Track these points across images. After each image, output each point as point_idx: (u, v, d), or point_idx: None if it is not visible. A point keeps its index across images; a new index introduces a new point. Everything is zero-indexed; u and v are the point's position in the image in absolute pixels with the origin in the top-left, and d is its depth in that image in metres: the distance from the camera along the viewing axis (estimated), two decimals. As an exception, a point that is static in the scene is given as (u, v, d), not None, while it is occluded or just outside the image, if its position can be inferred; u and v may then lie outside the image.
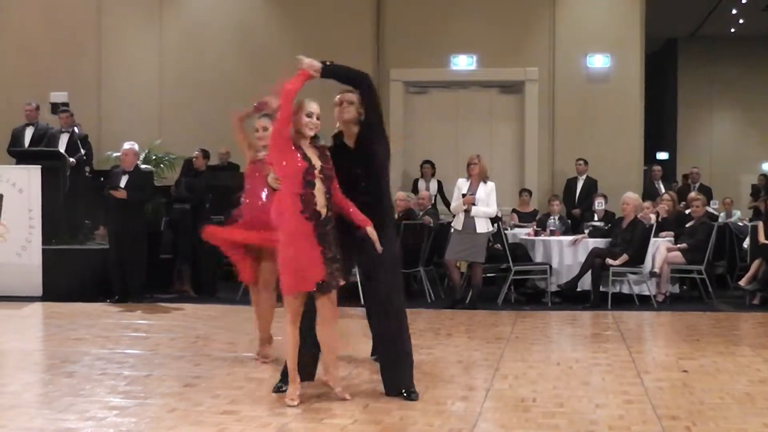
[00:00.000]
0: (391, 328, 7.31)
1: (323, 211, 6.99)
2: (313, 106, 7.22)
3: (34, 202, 14.54)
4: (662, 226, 15.11)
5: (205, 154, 15.41)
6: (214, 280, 15.06)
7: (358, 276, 8.22)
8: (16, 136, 16.28)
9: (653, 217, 15.07)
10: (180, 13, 20.00)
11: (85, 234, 15.72)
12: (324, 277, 6.95)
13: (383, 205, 7.40)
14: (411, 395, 7.19)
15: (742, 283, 14.22)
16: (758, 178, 21.52)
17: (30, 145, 16.02)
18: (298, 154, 7.00)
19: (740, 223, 17.21)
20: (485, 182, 13.58)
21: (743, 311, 13.46)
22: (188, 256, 15.00)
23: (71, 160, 15.31)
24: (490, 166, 14.64)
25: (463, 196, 13.47)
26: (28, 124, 16.32)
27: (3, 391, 7.77)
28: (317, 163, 7.04)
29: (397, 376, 7.31)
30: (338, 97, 7.46)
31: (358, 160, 7.30)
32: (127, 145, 14.22)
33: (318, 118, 7.19)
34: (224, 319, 12.25)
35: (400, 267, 7.63)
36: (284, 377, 7.29)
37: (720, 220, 17.63)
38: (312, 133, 7.16)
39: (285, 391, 7.20)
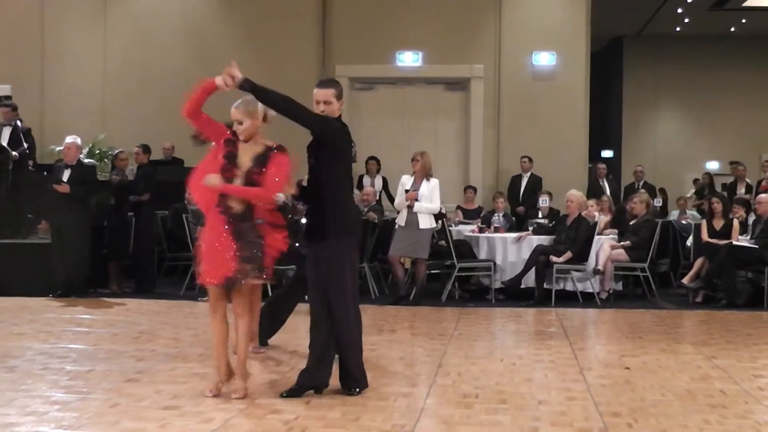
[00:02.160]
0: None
1: (237, 208, 7.10)
2: (233, 112, 7.30)
3: (-23, 196, 14.42)
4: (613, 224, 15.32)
5: (146, 149, 15.24)
6: (153, 276, 14.98)
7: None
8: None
9: (597, 214, 15.17)
10: (125, 6, 19.83)
11: (28, 228, 15.56)
12: (232, 273, 7.02)
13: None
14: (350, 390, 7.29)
15: (685, 281, 14.32)
16: (702, 176, 21.69)
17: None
18: (223, 152, 7.16)
19: (683, 222, 17.35)
20: (428, 179, 13.60)
21: (686, 309, 13.56)
22: (123, 253, 14.84)
23: (14, 153, 15.14)
24: (436, 162, 14.67)
25: (406, 192, 13.49)
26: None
27: (-58, 387, 7.73)
28: (245, 163, 7.13)
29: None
30: None
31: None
32: (69, 139, 14.10)
33: (241, 123, 7.24)
34: (168, 314, 12.19)
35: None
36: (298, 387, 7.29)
37: (672, 218, 17.82)
38: (242, 137, 7.24)
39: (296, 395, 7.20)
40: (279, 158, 7.22)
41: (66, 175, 13.93)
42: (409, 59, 19.15)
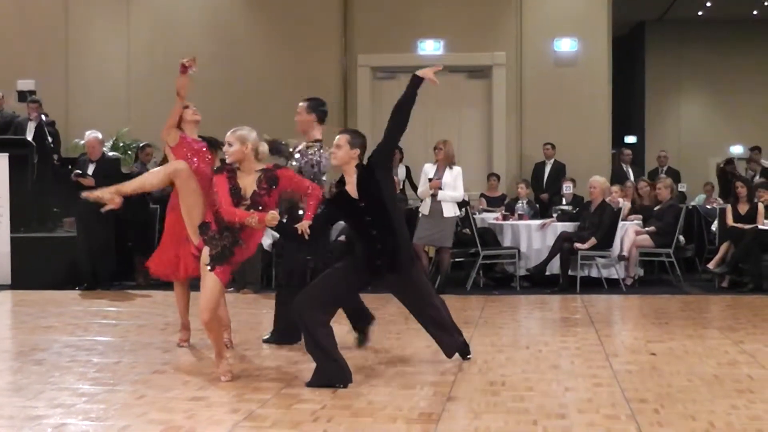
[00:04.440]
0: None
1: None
2: (227, 135, 7.60)
3: (2, 191, 14.52)
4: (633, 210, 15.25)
5: None
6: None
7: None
8: (-22, 125, 16.24)
9: (621, 200, 15.13)
10: (148, 0, 19.89)
11: (54, 222, 15.64)
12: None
13: (399, 247, 7.57)
14: None
15: (710, 266, 14.27)
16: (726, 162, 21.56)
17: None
18: (229, 186, 7.55)
19: (708, 206, 17.27)
20: (451, 167, 13.60)
21: (712, 294, 13.53)
22: (148, 246, 14.88)
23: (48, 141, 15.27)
24: (458, 150, 14.63)
25: (430, 180, 13.49)
26: (-10, 112, 16.28)
27: (-28, 380, 7.80)
28: (248, 190, 7.54)
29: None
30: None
31: (365, 208, 7.49)
32: (89, 135, 14.15)
33: (231, 146, 7.54)
34: (193, 305, 12.17)
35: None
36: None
37: (696, 202, 17.75)
38: (228, 159, 7.55)
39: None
40: (283, 173, 7.65)
41: (91, 168, 14.00)
42: (430, 48, 19.11)
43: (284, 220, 7.81)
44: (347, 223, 7.88)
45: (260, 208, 7.34)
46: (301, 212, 8.22)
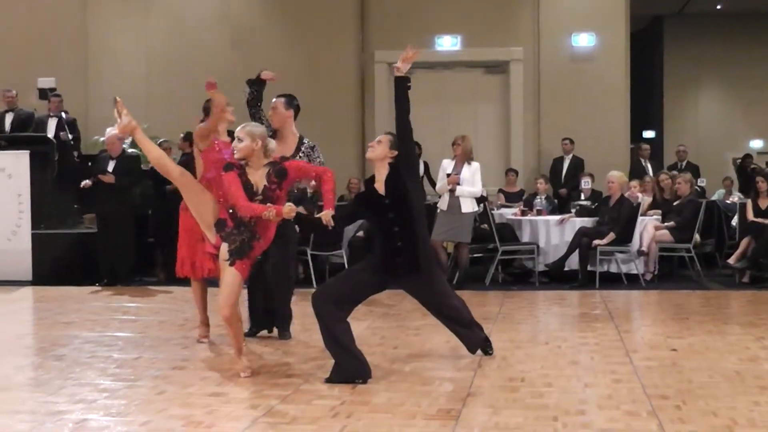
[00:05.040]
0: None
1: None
2: (237, 131, 7.60)
3: (23, 187, 14.60)
4: (653, 204, 15.21)
5: (186, 137, 15.29)
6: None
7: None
8: (-3, 124, 16.32)
9: (640, 195, 15.09)
10: (166, -3, 19.98)
11: (74, 218, 15.70)
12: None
13: (418, 248, 7.55)
14: None
15: (731, 261, 14.23)
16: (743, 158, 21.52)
17: (11, 131, 16.01)
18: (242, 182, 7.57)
19: (728, 201, 17.22)
20: (469, 162, 13.60)
21: (732, 289, 13.48)
22: (168, 242, 14.91)
23: (61, 133, 15.30)
24: (476, 146, 14.61)
25: (448, 176, 13.48)
26: (7, 111, 16.32)
27: (-6, 375, 7.84)
28: (259, 185, 7.52)
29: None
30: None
31: (389, 205, 7.51)
32: (110, 131, 14.20)
33: (240, 141, 7.51)
34: (212, 301, 12.19)
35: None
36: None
37: (715, 197, 17.69)
38: (237, 155, 7.53)
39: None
40: (290, 164, 7.63)
41: (111, 165, 14.06)
42: (447, 43, 19.11)
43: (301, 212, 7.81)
44: (370, 220, 7.87)
45: (273, 202, 7.34)
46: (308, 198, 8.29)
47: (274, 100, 9.44)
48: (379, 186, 7.52)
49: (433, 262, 7.87)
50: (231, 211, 7.42)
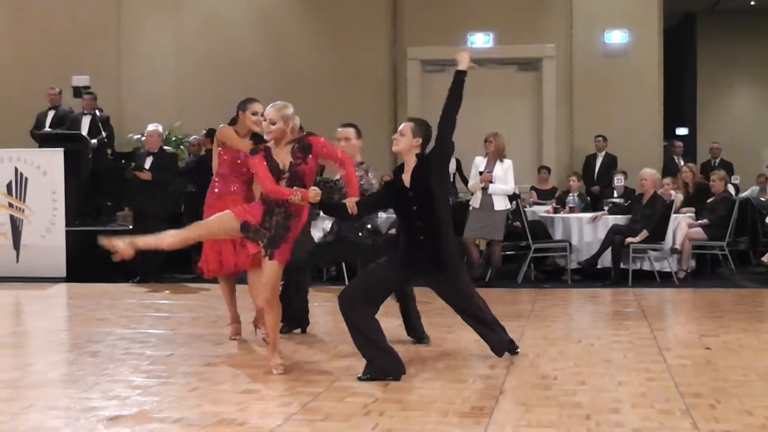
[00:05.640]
0: None
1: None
2: (269, 110, 7.48)
3: (58, 185, 14.69)
4: (686, 202, 15.14)
5: (209, 134, 15.30)
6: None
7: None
8: (40, 120, 16.41)
9: (673, 192, 15.03)
10: (199, -5, 20.05)
11: (108, 215, 15.79)
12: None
13: (441, 243, 7.50)
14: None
15: (764, 259, 14.14)
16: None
17: (51, 128, 16.11)
18: (268, 165, 7.49)
19: (762, 199, 17.12)
20: (502, 160, 13.61)
21: (766, 287, 13.40)
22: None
23: (93, 141, 15.39)
24: (509, 143, 14.59)
25: (480, 173, 13.47)
26: (50, 108, 16.43)
27: (30, 370, 7.94)
28: (285, 163, 7.43)
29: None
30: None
31: (413, 198, 7.46)
32: (151, 127, 14.34)
33: (273, 124, 7.41)
34: (245, 298, 12.24)
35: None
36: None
37: (749, 194, 17.60)
38: (269, 137, 7.47)
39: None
40: (316, 140, 7.50)
41: (148, 162, 14.15)
42: (480, 40, 19.09)
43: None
44: (395, 210, 7.86)
45: (300, 177, 7.31)
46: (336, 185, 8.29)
47: (340, 129, 9.01)
48: (406, 177, 7.50)
49: (457, 260, 7.84)
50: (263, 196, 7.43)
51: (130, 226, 14.54)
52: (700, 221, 14.46)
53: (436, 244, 7.46)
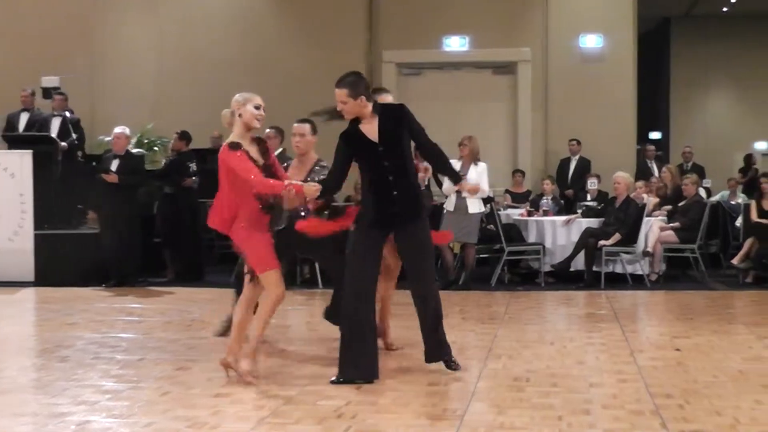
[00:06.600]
0: None
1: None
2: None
3: (26, 187, 14.52)
4: (662, 203, 15.20)
5: (182, 136, 15.20)
6: (200, 264, 15.02)
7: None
8: (11, 122, 16.21)
9: (646, 196, 15.07)
10: (174, -3, 19.99)
11: (78, 218, 15.67)
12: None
13: (414, 195, 7.47)
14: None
15: (735, 261, 14.23)
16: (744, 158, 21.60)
17: (24, 131, 15.96)
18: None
19: (733, 202, 17.20)
20: (476, 163, 13.61)
21: (736, 290, 13.49)
22: (171, 241, 14.88)
23: (62, 144, 15.27)
24: (484, 146, 14.59)
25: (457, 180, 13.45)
26: (23, 110, 16.25)
27: (-3, 376, 7.84)
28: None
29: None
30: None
31: (383, 153, 7.35)
32: (118, 130, 14.22)
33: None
34: (219, 302, 12.20)
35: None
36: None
37: (720, 198, 17.68)
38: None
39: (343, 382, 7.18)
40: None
41: (115, 165, 14.05)
42: (456, 44, 19.09)
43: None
44: (363, 169, 7.52)
45: (271, 171, 7.21)
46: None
47: (296, 125, 8.81)
48: (369, 131, 7.32)
49: (425, 209, 7.74)
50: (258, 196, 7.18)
51: (99, 230, 14.42)
52: (672, 224, 14.51)
53: (410, 195, 7.39)
